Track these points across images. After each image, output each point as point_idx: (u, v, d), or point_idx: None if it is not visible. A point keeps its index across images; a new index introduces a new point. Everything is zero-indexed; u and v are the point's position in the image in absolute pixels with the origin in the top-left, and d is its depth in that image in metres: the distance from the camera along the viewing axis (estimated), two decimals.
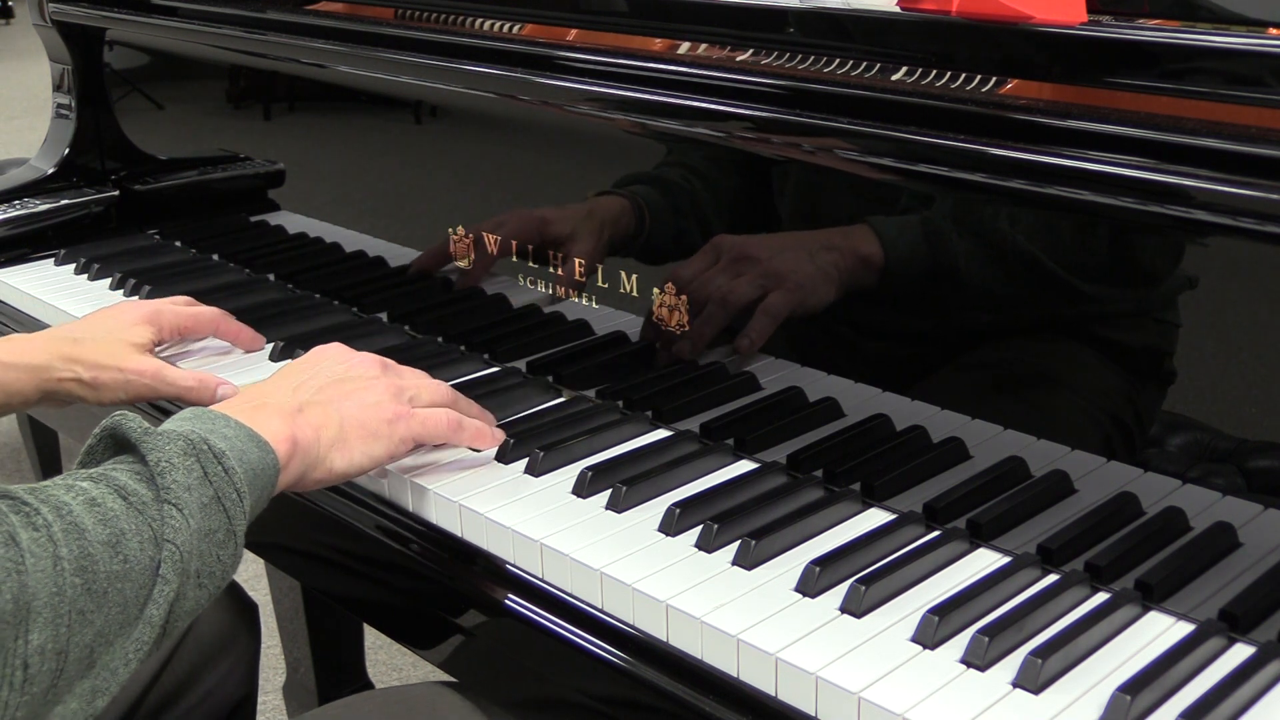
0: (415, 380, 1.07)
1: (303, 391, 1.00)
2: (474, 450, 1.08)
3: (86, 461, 0.85)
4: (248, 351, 1.34)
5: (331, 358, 1.06)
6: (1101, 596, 0.88)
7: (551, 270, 1.23)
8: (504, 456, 1.08)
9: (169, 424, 0.87)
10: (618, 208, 1.17)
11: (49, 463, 2.61)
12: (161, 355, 1.27)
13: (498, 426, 1.10)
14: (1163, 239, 0.86)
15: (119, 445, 0.84)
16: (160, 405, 1.24)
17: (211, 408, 0.92)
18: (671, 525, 0.97)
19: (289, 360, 1.29)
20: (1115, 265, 0.89)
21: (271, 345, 1.34)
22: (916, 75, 0.95)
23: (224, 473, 0.84)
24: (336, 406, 0.99)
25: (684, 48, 1.11)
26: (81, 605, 0.73)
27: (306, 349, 1.12)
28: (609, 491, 1.01)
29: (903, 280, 0.99)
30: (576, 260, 1.20)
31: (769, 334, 1.09)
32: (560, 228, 1.22)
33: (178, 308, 1.28)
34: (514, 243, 1.26)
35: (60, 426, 1.98)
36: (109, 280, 1.56)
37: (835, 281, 1.03)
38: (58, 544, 0.73)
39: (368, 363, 1.06)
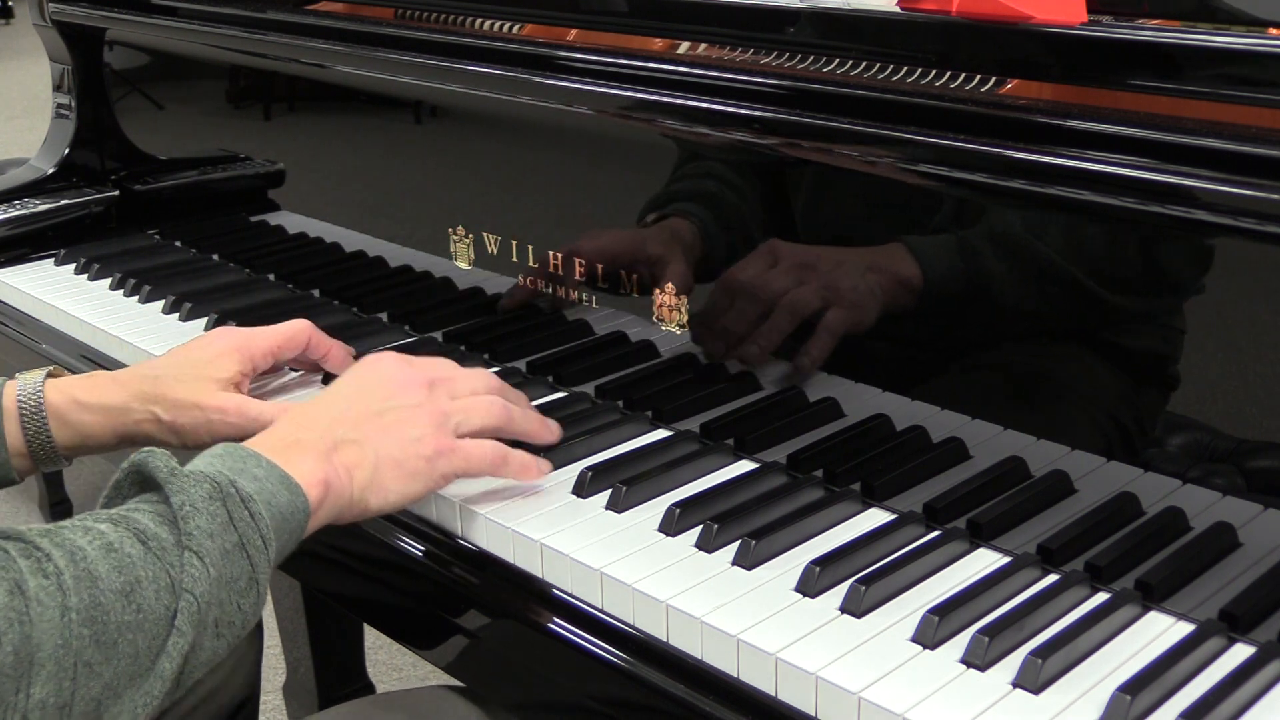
0: (467, 387, 1.01)
1: (339, 427, 0.93)
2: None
3: (112, 497, 0.82)
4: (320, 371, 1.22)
5: (378, 376, 0.99)
6: (1101, 596, 0.87)
7: (552, 270, 1.23)
8: None
9: (198, 462, 0.84)
10: (689, 230, 1.11)
11: (52, 474, 2.60)
12: (254, 387, 1.16)
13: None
14: (1187, 243, 0.85)
15: (145, 483, 0.82)
16: None
17: (245, 444, 0.88)
18: (671, 525, 0.97)
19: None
20: (1138, 273, 0.88)
21: None
22: (916, 75, 0.95)
23: (250, 518, 0.81)
24: (374, 445, 0.93)
25: (683, 48, 1.11)
26: (89, 657, 0.71)
27: None
28: (609, 491, 1.01)
29: (937, 298, 0.97)
30: (577, 262, 1.20)
31: (829, 350, 1.05)
32: (652, 252, 1.14)
33: (268, 328, 1.16)
34: (598, 268, 1.19)
35: None
36: (109, 280, 1.56)
37: (879, 299, 1.01)
38: (67, 593, 0.71)
39: (413, 386, 0.98)
